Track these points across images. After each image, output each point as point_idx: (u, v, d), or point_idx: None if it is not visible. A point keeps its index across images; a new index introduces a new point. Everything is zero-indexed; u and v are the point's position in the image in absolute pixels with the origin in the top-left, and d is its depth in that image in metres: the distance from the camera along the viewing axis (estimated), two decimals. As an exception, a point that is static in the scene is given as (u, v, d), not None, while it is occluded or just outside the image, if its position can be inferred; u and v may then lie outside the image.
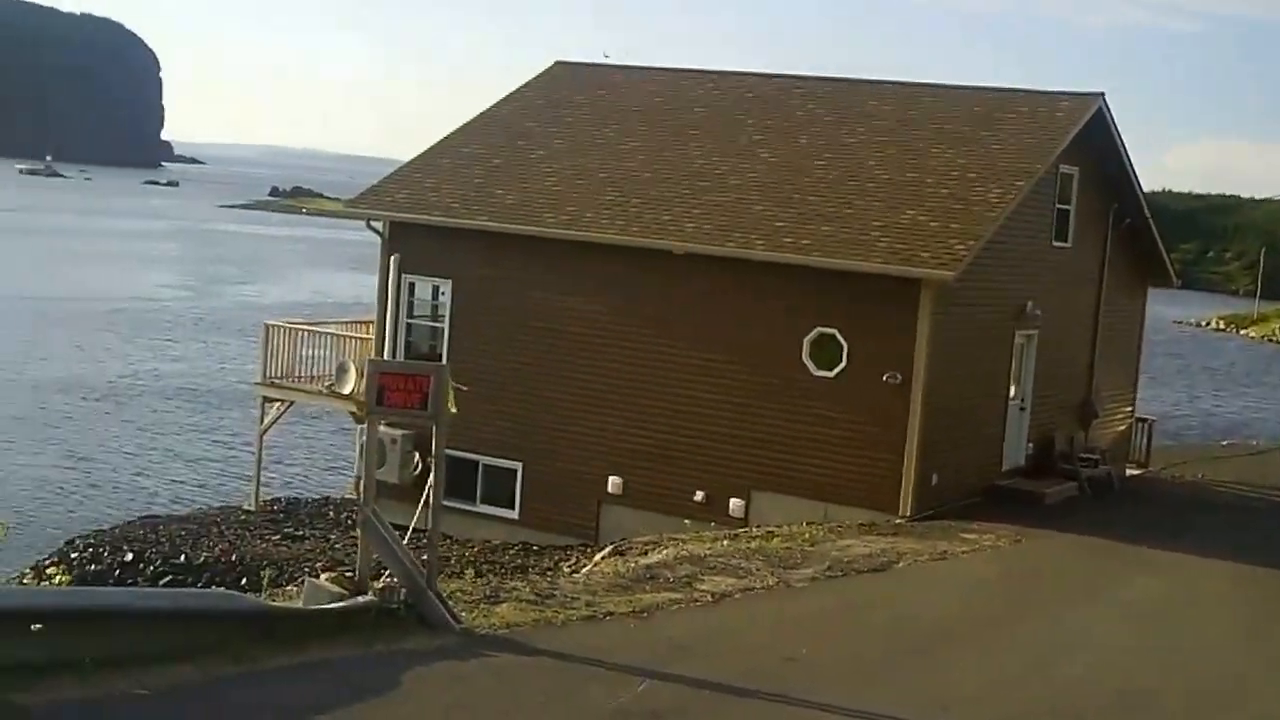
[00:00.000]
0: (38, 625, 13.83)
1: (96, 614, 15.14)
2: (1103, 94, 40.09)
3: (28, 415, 64.90)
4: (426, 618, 17.99)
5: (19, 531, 41.88)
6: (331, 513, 42.19)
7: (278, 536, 39.08)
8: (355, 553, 18.69)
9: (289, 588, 25.91)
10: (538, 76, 47.01)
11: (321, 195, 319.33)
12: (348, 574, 18.60)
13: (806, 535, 30.35)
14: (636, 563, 27.14)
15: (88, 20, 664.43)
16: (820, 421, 35.05)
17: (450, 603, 18.76)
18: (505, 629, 18.78)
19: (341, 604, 17.54)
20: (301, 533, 39.60)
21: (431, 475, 18.61)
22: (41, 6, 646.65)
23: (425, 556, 18.72)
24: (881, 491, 34.27)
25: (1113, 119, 40.51)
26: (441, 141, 43.88)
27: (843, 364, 34.78)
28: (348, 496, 43.13)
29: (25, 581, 34.12)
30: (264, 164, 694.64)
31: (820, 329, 35.00)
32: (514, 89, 46.49)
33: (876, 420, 34.48)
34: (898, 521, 33.23)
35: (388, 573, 18.50)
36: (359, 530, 18.52)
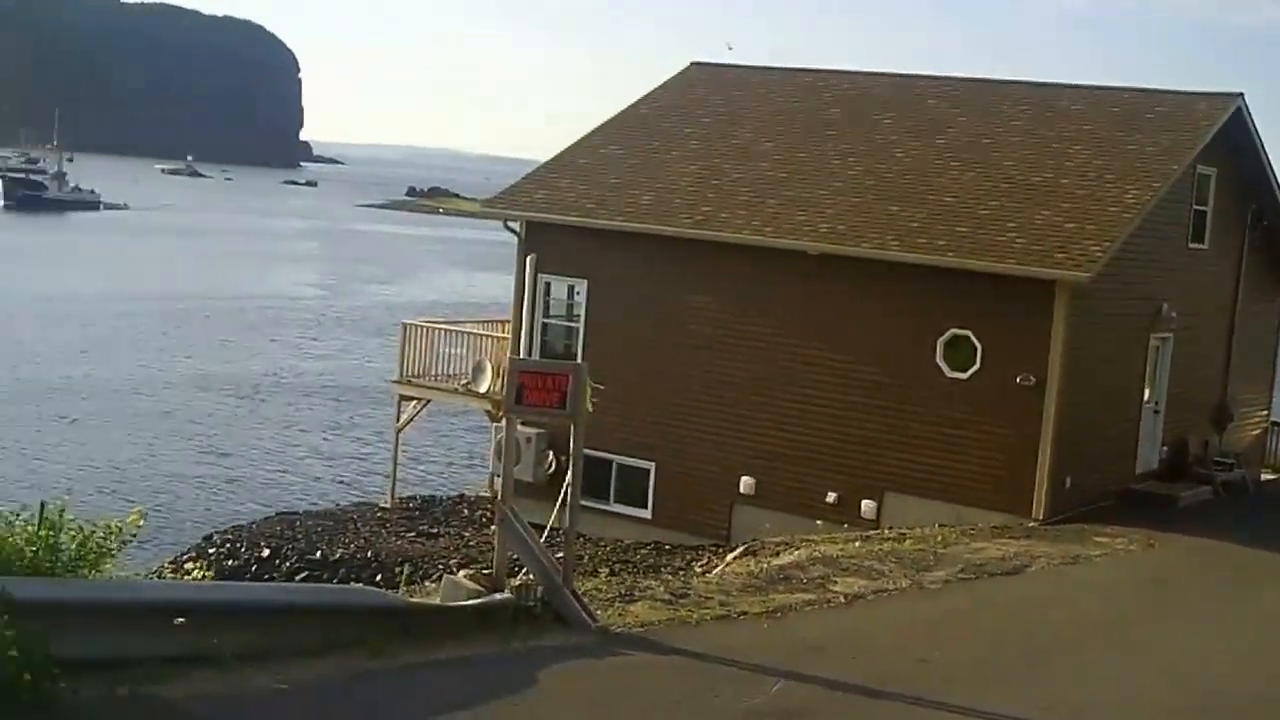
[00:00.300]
0: (180, 619, 14.06)
1: (238, 608, 15.40)
2: (1241, 94, 39.64)
3: (171, 411, 66.00)
4: (563, 616, 18.15)
5: (159, 526, 42.60)
6: (466, 510, 42.46)
7: (413, 534, 39.42)
8: (490, 550, 18.92)
9: (427, 584, 26.19)
10: (673, 78, 47.13)
11: (458, 195, 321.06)
12: (485, 571, 18.80)
13: (939, 537, 30.28)
14: (769, 563, 27.21)
15: (228, 22, 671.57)
16: (953, 423, 34.93)
17: (586, 601, 18.93)
18: (640, 628, 18.92)
19: (479, 601, 17.73)
20: (436, 530, 39.91)
21: (569, 474, 18.79)
22: (183, 9, 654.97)
23: (561, 555, 18.89)
24: (1014, 494, 34.10)
25: (1252, 119, 40.05)
26: (578, 142, 44.10)
27: (976, 365, 34.65)
28: (482, 494, 43.43)
29: (164, 575, 34.71)
30: (401, 164, 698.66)
31: (954, 330, 34.89)
32: (650, 90, 46.64)
33: (1010, 422, 34.31)
34: (1031, 524, 33.06)
35: (524, 570, 18.69)
36: (496, 528, 18.72)
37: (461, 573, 19.05)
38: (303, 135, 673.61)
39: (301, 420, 66.58)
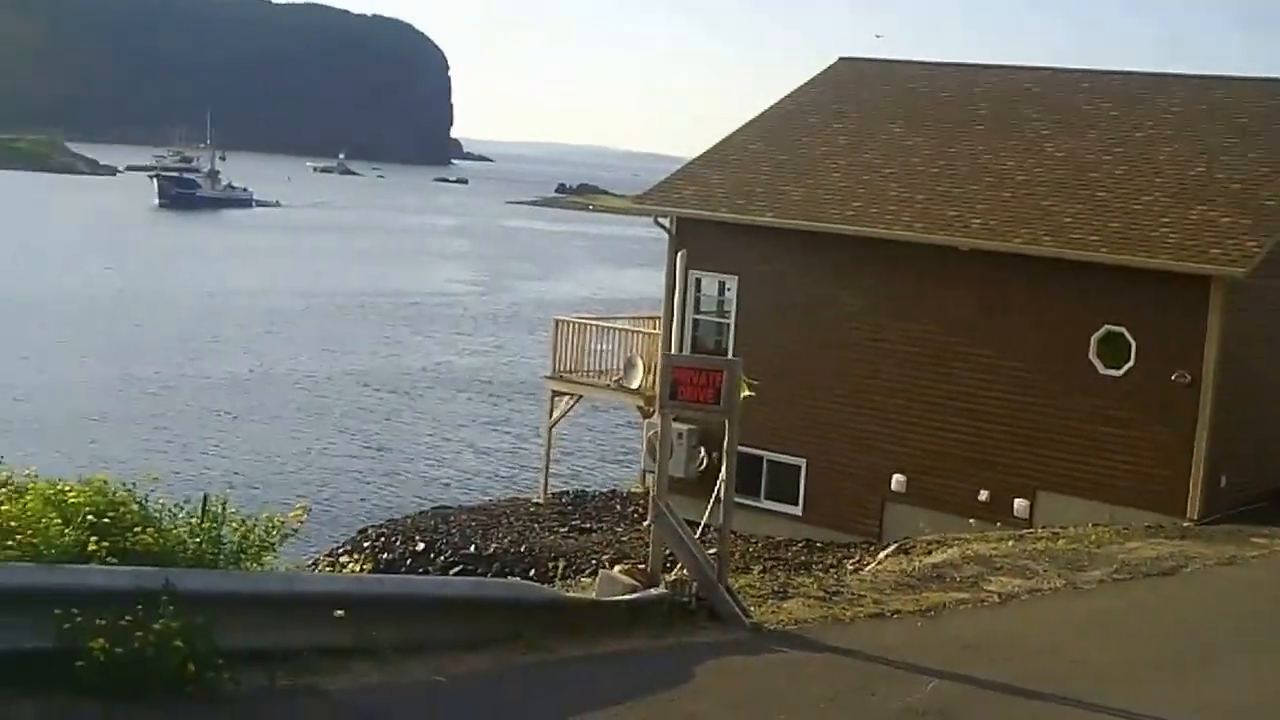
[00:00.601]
0: (339, 612, 14.26)
1: (397, 601, 15.58)
2: (1403, 86, 39.02)
3: (328, 406, 66.88)
4: (717, 612, 18.22)
5: (316, 519, 43.16)
6: (618, 506, 42.65)
7: (565, 529, 39.66)
8: (642, 545, 18.98)
9: (582, 579, 26.35)
10: (821, 73, 47.08)
11: (607, 192, 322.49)
12: (640, 566, 18.89)
13: (1093, 537, 30.00)
14: (921, 561, 27.11)
15: (378, 21, 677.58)
16: (1107, 421, 34.61)
17: (740, 597, 19.00)
18: (794, 625, 18.95)
19: (634, 596, 17.83)
20: (589, 525, 40.13)
21: (723, 470, 18.85)
22: (332, 8, 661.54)
23: (714, 551, 18.95)
24: (1168, 493, 33.72)
25: None
26: (727, 138, 44.16)
27: (1131, 362, 34.31)
28: (634, 490, 43.60)
29: (320, 568, 35.15)
30: (550, 161, 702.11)
31: (1108, 327, 34.57)
32: (798, 85, 46.60)
33: (1165, 420, 33.95)
34: (1185, 524, 32.68)
35: (679, 566, 18.77)
36: (652, 524, 18.82)
37: (616, 568, 19.14)
38: (453, 133, 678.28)
39: (455, 415, 67.26)
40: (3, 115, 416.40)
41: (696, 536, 19.08)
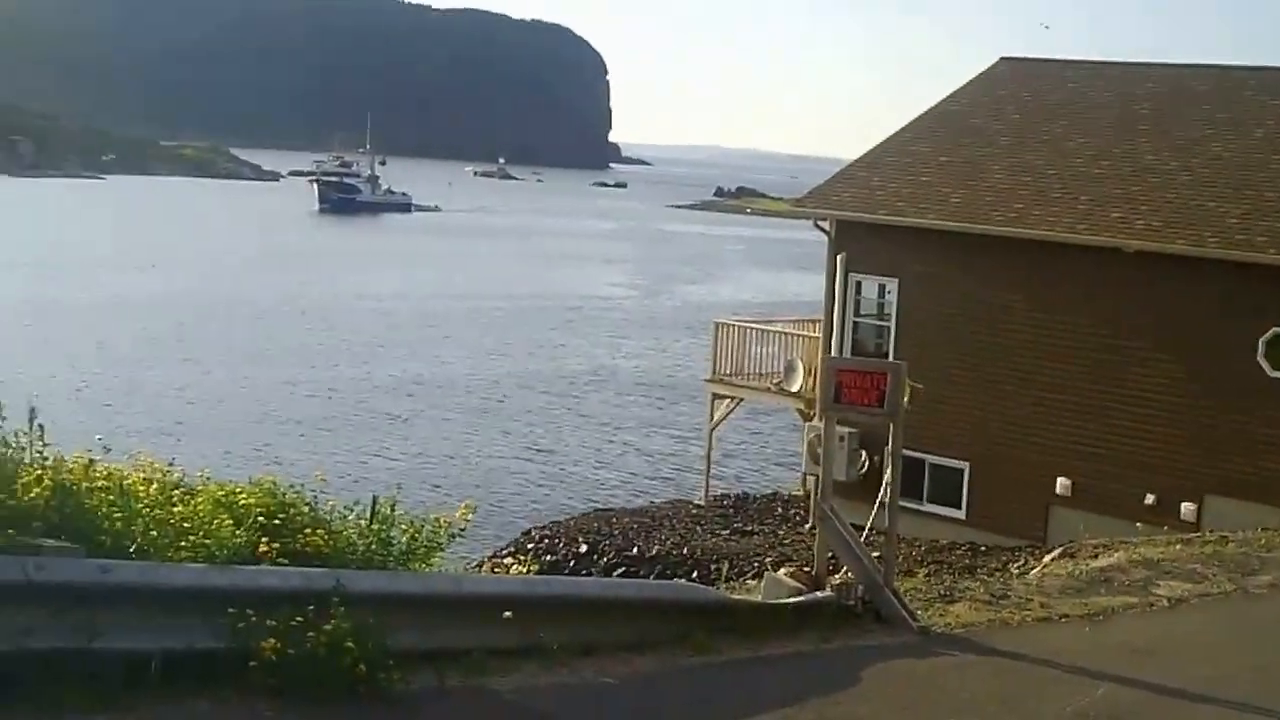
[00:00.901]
0: (508, 613, 14.32)
1: (565, 602, 15.63)
2: None
3: (491, 409, 67.44)
4: (884, 615, 18.12)
5: (480, 520, 43.39)
6: (779, 509, 42.59)
7: (727, 531, 39.70)
8: (804, 548, 18.94)
9: (748, 581, 26.33)
10: (982, 73, 46.76)
11: (765, 195, 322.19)
12: (805, 569, 18.84)
13: (1263, 540, 29.50)
14: (1088, 565, 26.78)
15: (537, 26, 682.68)
16: (1275, 424, 34.09)
17: (906, 601, 18.89)
18: (961, 628, 18.80)
19: (800, 599, 17.78)
20: (750, 528, 40.13)
21: (887, 473, 18.76)
22: (491, 13, 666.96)
23: (879, 554, 18.87)
24: (1342, 496, 33.18)
25: None
26: (887, 140, 43.98)
27: (1301, 364, 33.80)
28: (795, 493, 43.54)
29: (484, 570, 35.37)
30: (707, 164, 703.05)
31: (1276, 328, 34.04)
32: (958, 87, 46.30)
33: (1337, 422, 33.42)
34: (1360, 527, 32.07)
35: (844, 569, 18.70)
36: (817, 526, 18.76)
37: (782, 570, 19.10)
38: (611, 137, 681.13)
39: (617, 417, 67.57)
40: (168, 122, 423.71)
41: (861, 539, 18.99)
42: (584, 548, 38.58)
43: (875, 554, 18.88)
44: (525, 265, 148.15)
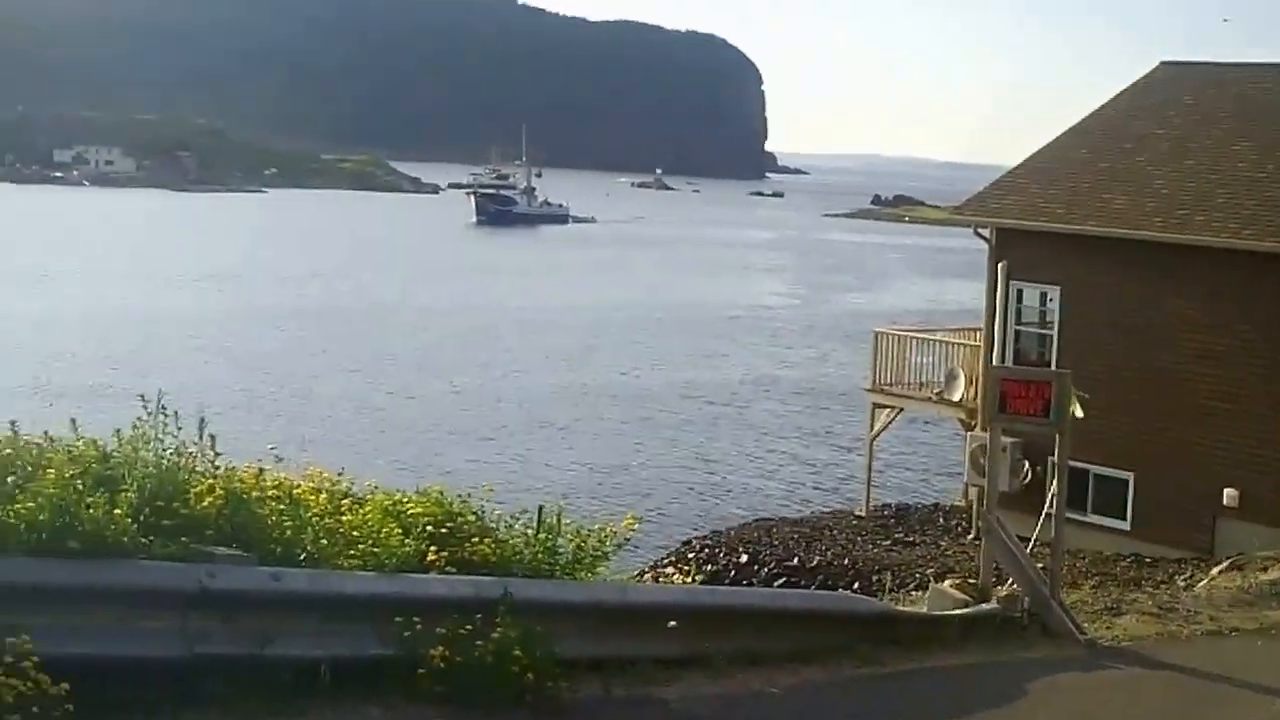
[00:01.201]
0: (673, 622, 14.34)
1: (729, 613, 15.64)
2: None
3: (652, 418, 67.66)
4: (1050, 627, 17.96)
5: (640, 530, 43.55)
6: (941, 519, 42.25)
7: (888, 542, 39.45)
8: (966, 559, 18.80)
9: (912, 593, 26.19)
10: (1143, 77, 46.11)
11: (923, 203, 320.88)
12: (970, 581, 18.72)
13: None
14: (1257, 578, 26.40)
15: (692, 37, 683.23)
16: None
17: (1072, 613, 18.70)
18: (1129, 641, 18.60)
19: (966, 610, 17.67)
20: (912, 538, 39.84)
21: (1053, 485, 18.58)
22: (646, 25, 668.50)
23: (1045, 566, 18.70)
24: None
25: None
26: (1046, 146, 43.52)
27: None
28: (956, 504, 43.19)
29: (645, 579, 35.43)
30: (864, 172, 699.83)
31: None
32: (1118, 91, 45.74)
33: None
34: None
35: (1010, 581, 18.55)
36: (982, 538, 18.62)
37: (947, 582, 19.00)
38: (767, 146, 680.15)
39: (777, 427, 67.56)
40: (328, 137, 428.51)
41: (1026, 551, 18.83)
42: (744, 558, 38.49)
43: (1040, 566, 18.72)
44: (684, 275, 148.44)
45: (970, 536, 37.55)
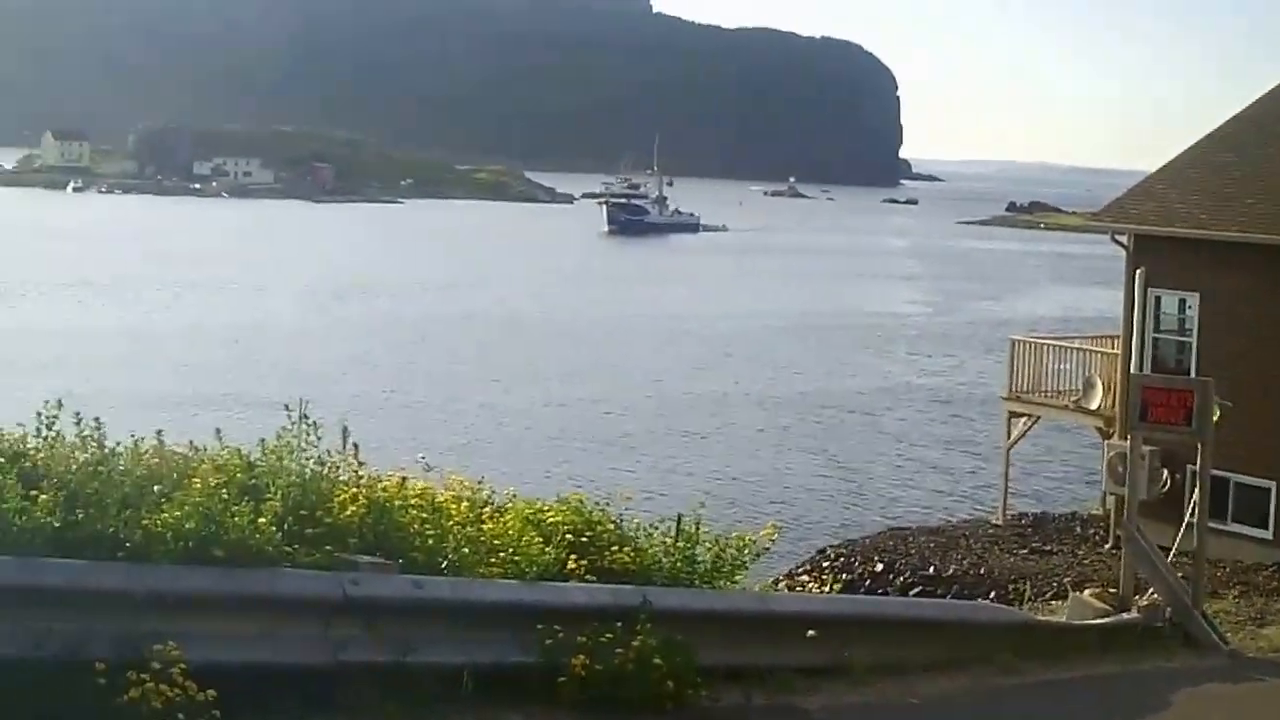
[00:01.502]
0: (812, 631, 14.33)
1: (869, 621, 15.62)
2: None
3: (788, 426, 67.68)
4: (1192, 637, 17.77)
5: (778, 537, 43.50)
6: (1078, 528, 41.84)
7: (1025, 550, 39.15)
8: (1104, 568, 18.65)
9: (1052, 602, 26.01)
10: (1287, 80, 45.51)
11: (1059, 209, 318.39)
12: (1110, 590, 18.57)
13: None
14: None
15: (827, 44, 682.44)
16: None
17: (1215, 623, 18.50)
18: (1274, 652, 18.37)
19: (1106, 620, 17.53)
20: (1049, 547, 39.50)
21: (1194, 494, 18.41)
22: (781, 31, 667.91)
23: (1184, 575, 18.51)
24: None
25: None
26: (1187, 151, 43.01)
27: None
28: (1094, 512, 42.79)
29: (780, 587, 35.39)
30: (999, 179, 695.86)
31: None
32: (1261, 94, 45.15)
33: None
34: None
35: (1150, 590, 18.38)
36: (1123, 547, 18.46)
37: (1087, 591, 18.87)
38: (901, 153, 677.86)
39: (913, 435, 67.36)
40: (463, 147, 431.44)
41: (1167, 560, 18.66)
42: (880, 566, 38.35)
43: (1180, 575, 18.54)
44: (818, 283, 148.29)
45: (1108, 545, 37.21)
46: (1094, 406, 40.36)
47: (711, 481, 55.03)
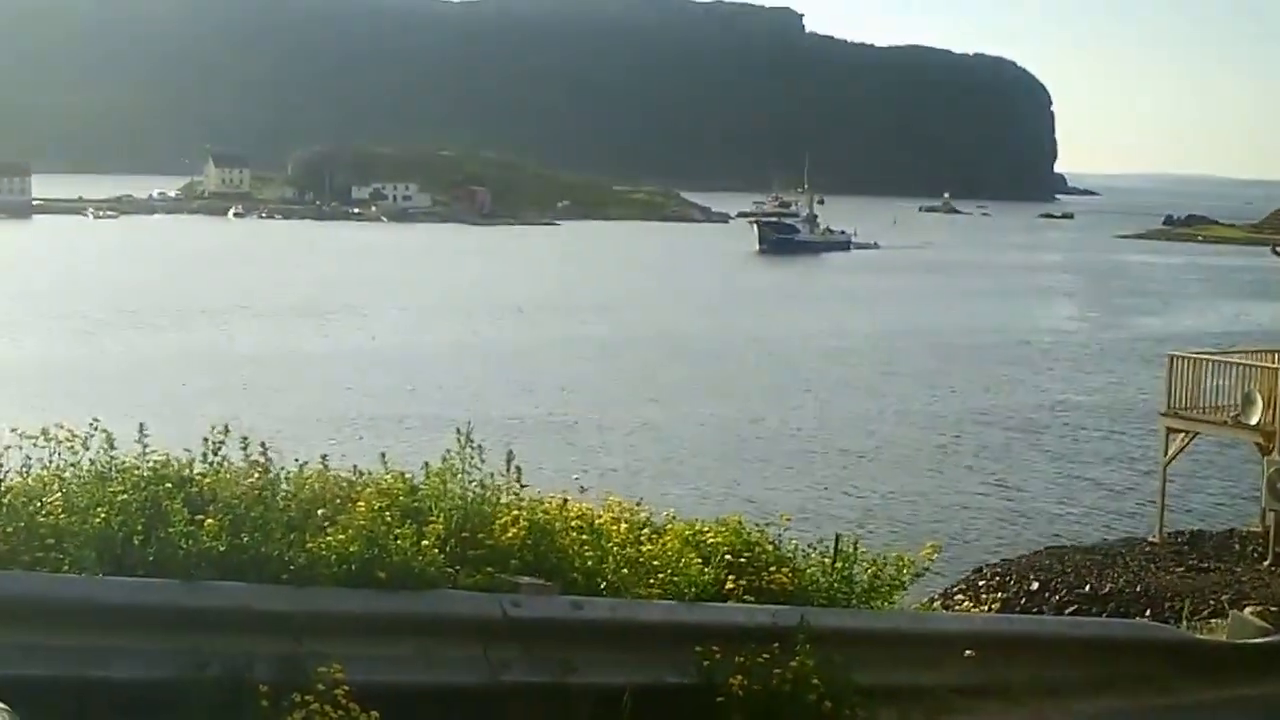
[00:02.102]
0: (969, 651, 14.32)
1: (1027, 641, 15.55)
2: None
3: (947, 444, 67.57)
4: (1356, 656, 17.56)
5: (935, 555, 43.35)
6: (1236, 545, 41.39)
7: (1182, 568, 38.79)
8: (1263, 586, 18.47)
9: (1212, 620, 25.76)
10: None
11: (1217, 222, 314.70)
12: (1271, 609, 18.39)
13: None
14: None
15: (980, 60, 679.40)
16: None
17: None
18: None
19: (1270, 639, 17.36)
20: (1206, 565, 39.12)
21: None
22: (933, 49, 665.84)
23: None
24: None
25: None
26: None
27: None
28: (1253, 529, 42.31)
29: (935, 607, 35.27)
30: (1156, 192, 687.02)
31: None
32: None
33: None
34: None
35: (1313, 610, 18.19)
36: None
37: (1248, 609, 18.68)
38: (1056, 168, 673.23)
39: (1071, 452, 67.05)
40: (618, 167, 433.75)
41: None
42: (1035, 585, 38.13)
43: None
44: (974, 300, 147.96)
45: (1267, 563, 36.84)
46: (1253, 422, 39.90)
47: (869, 499, 55.18)
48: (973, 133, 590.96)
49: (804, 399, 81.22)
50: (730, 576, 13.59)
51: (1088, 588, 37.14)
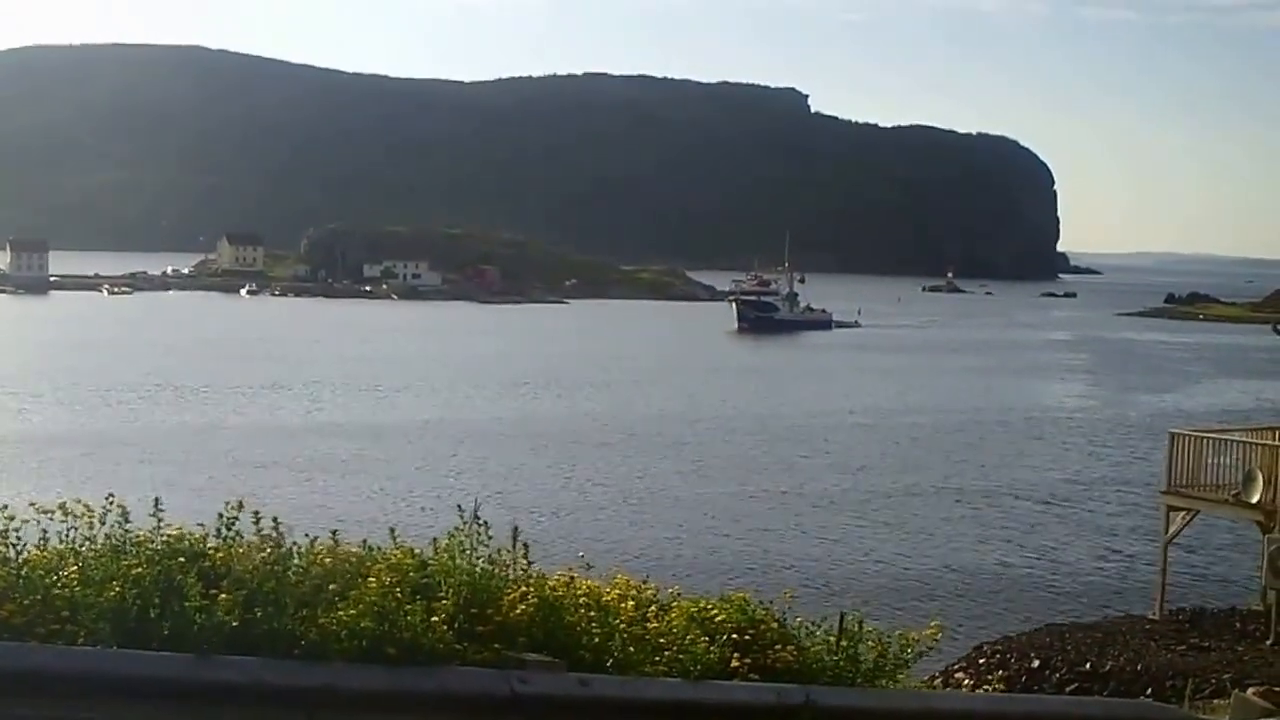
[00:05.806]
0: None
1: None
2: None
3: (949, 519, 68.03)
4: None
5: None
6: (1237, 624, 41.37)
7: (1182, 647, 38.74)
8: (1265, 666, 18.52)
9: (1214, 700, 25.81)
10: None
11: (1218, 300, 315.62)
12: (1274, 689, 18.47)
13: None
14: None
15: (982, 139, 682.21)
16: None
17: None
18: None
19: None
20: (1207, 643, 39.07)
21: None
22: (938, 129, 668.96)
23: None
24: None
25: None
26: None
27: None
28: (1254, 608, 42.31)
29: (936, 685, 35.24)
30: (1157, 271, 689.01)
31: None
32: None
33: None
34: None
35: (1312, 690, 18.27)
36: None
37: (1250, 690, 18.77)
38: (1059, 246, 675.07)
39: (1071, 528, 67.28)
40: (624, 247, 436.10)
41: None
42: (1036, 663, 38.10)
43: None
44: (978, 377, 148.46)
45: (1269, 642, 36.83)
46: (1254, 500, 39.99)
47: (875, 576, 55.30)
48: (976, 212, 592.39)
49: (809, 475, 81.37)
50: (735, 654, 13.66)
51: (1088, 665, 37.13)
